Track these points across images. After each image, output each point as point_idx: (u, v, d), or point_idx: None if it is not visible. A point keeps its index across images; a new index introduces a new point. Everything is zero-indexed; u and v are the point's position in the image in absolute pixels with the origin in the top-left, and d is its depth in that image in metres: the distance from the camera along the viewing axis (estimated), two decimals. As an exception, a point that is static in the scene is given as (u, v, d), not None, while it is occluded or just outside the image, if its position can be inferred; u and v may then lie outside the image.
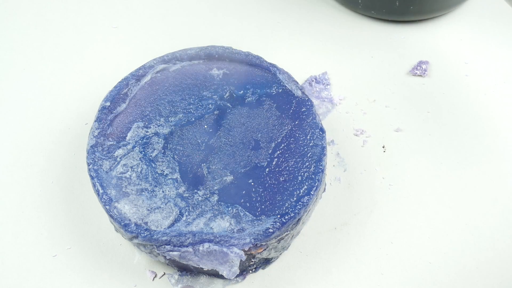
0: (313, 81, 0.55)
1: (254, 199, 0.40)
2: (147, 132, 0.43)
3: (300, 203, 0.39)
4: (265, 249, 0.39)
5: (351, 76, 0.56)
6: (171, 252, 0.38)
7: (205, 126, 0.44)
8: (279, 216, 0.39)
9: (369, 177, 0.48)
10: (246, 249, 0.38)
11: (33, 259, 0.43)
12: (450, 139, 0.51)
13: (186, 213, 0.39)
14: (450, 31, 0.61)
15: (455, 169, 0.49)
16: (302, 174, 0.41)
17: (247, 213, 0.39)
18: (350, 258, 0.44)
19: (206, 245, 0.37)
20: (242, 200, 0.40)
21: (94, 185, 0.40)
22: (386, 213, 0.46)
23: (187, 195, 0.40)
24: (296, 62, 0.57)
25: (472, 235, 0.45)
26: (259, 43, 0.59)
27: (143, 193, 0.40)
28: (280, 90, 0.46)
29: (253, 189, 0.40)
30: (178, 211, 0.39)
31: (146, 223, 0.39)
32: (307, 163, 0.41)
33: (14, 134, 0.51)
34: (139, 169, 0.41)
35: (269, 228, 0.38)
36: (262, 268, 0.43)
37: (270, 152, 0.42)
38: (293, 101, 0.45)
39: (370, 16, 0.61)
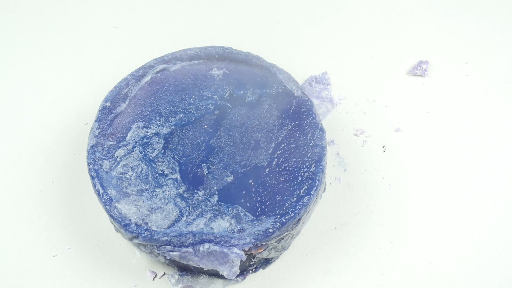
0: (313, 81, 0.55)
1: (254, 199, 0.40)
2: (147, 132, 0.43)
3: (300, 203, 0.39)
4: (265, 249, 0.39)
5: (351, 76, 0.56)
6: (171, 253, 0.38)
7: (205, 126, 0.44)
8: (279, 216, 0.39)
9: (369, 177, 0.48)
10: (246, 249, 0.38)
11: (33, 259, 0.43)
12: (450, 139, 0.51)
13: (187, 213, 0.39)
14: (450, 31, 0.61)
15: (455, 169, 0.49)
16: (302, 174, 0.41)
17: (247, 213, 0.39)
18: (350, 258, 0.44)
19: (207, 245, 0.37)
20: (242, 200, 0.40)
21: (94, 185, 0.40)
22: (386, 213, 0.46)
23: (187, 195, 0.40)
24: (296, 62, 0.57)
25: (472, 235, 0.45)
26: (259, 43, 0.59)
27: (144, 193, 0.40)
28: (280, 90, 0.46)
29: (253, 189, 0.40)
30: (178, 211, 0.39)
31: (146, 223, 0.39)
32: (307, 163, 0.41)
33: (14, 134, 0.51)
34: (139, 169, 0.41)
35: (269, 228, 0.38)
36: (262, 268, 0.43)
37: (270, 152, 0.42)
38: (293, 101, 0.45)
39: None
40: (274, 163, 0.42)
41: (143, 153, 0.42)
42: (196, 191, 0.40)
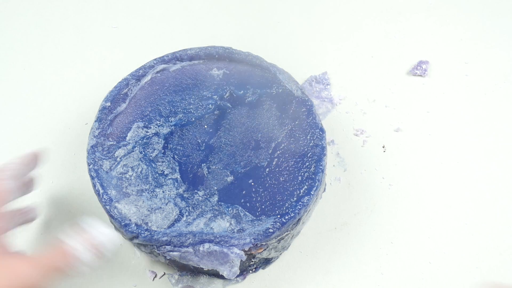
0: (313, 81, 0.55)
1: (254, 199, 0.40)
2: (147, 132, 0.43)
3: (300, 203, 0.39)
4: (265, 249, 0.39)
5: (351, 76, 0.56)
6: (171, 253, 0.38)
7: (205, 126, 0.44)
8: (279, 216, 0.39)
9: (369, 177, 0.48)
10: (246, 249, 0.38)
11: (33, 259, 0.43)
12: (450, 139, 0.51)
13: (186, 213, 0.39)
14: (450, 31, 0.61)
15: (455, 169, 0.49)
16: (302, 174, 0.41)
17: (247, 213, 0.39)
18: (350, 258, 0.44)
19: (207, 245, 0.37)
20: (242, 200, 0.40)
21: (94, 185, 0.40)
22: (386, 213, 0.46)
23: (187, 195, 0.40)
24: (296, 62, 0.57)
25: (472, 235, 0.45)
26: (259, 43, 0.59)
27: (144, 193, 0.40)
28: (280, 90, 0.46)
29: (253, 189, 0.40)
30: (178, 211, 0.39)
31: (146, 223, 0.39)
32: (307, 163, 0.41)
33: (14, 134, 0.51)
34: (139, 169, 0.41)
35: (269, 228, 0.38)
36: (262, 268, 0.43)
37: (270, 152, 0.42)
38: (293, 101, 0.45)
39: None
40: (274, 163, 0.42)
41: (143, 153, 0.42)
42: (196, 191, 0.40)
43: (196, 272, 0.42)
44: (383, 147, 0.50)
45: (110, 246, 0.33)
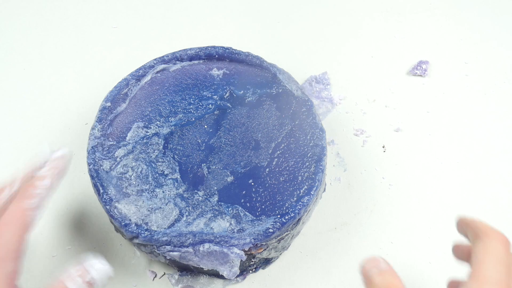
0: (313, 81, 0.55)
1: (254, 199, 0.40)
2: (147, 132, 0.43)
3: (300, 203, 0.39)
4: (265, 249, 0.39)
5: (351, 76, 0.56)
6: (171, 253, 0.38)
7: (205, 126, 0.44)
8: (279, 216, 0.39)
9: (369, 177, 0.48)
10: (246, 249, 0.38)
11: (33, 259, 0.43)
12: (450, 139, 0.51)
13: (187, 213, 0.39)
14: (450, 31, 0.61)
15: (455, 169, 0.49)
16: (302, 174, 0.41)
17: (247, 213, 0.39)
18: (350, 258, 0.44)
19: (207, 245, 0.37)
20: (242, 200, 0.40)
21: (94, 185, 0.40)
22: (386, 213, 0.46)
23: (187, 195, 0.40)
24: (296, 62, 0.57)
25: (472, 235, 0.45)
26: (259, 43, 0.59)
27: (144, 193, 0.40)
28: (280, 90, 0.46)
29: (253, 189, 0.40)
30: (179, 211, 0.39)
31: (146, 223, 0.39)
32: (307, 163, 0.41)
33: (14, 134, 0.51)
34: (139, 169, 0.41)
35: (269, 228, 0.38)
36: (262, 268, 0.43)
37: (270, 152, 0.42)
38: (293, 101, 0.45)
39: None
40: (274, 163, 0.42)
41: (143, 153, 0.42)
42: (196, 191, 0.40)
43: (196, 272, 0.42)
44: (383, 147, 0.50)
45: (104, 282, 0.32)
